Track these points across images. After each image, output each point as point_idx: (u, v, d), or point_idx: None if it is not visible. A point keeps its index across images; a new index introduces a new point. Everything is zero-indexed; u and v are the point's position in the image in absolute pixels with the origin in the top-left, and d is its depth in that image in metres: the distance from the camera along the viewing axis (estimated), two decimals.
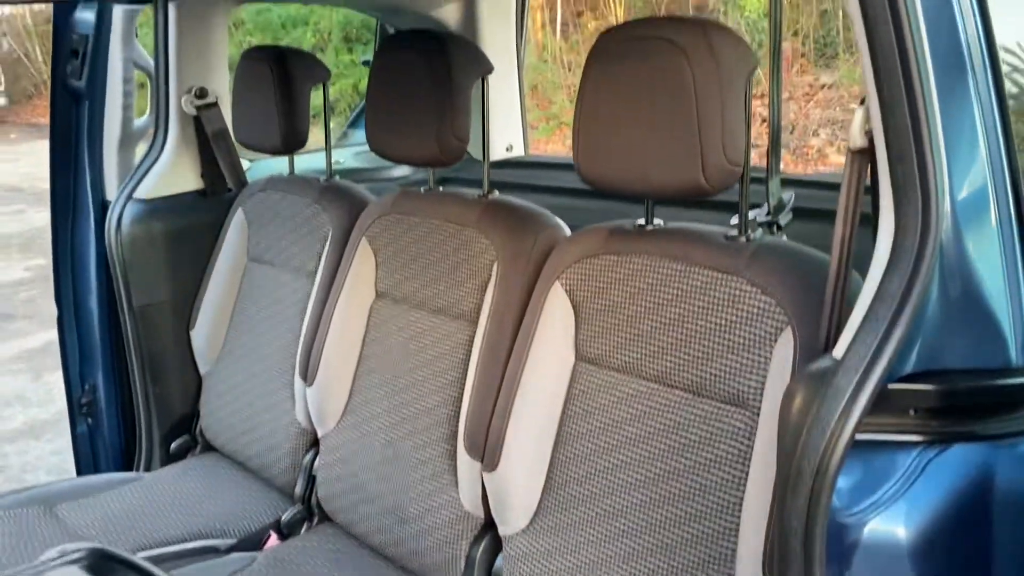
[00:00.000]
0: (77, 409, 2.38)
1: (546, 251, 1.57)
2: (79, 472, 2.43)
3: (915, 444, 1.06)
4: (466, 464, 1.60)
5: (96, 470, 2.37)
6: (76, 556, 1.08)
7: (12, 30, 16.21)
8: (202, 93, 2.25)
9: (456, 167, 1.86)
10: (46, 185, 2.35)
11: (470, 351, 1.64)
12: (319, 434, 1.91)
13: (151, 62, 2.28)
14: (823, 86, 8.67)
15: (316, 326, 1.91)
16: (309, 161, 2.51)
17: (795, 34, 9.01)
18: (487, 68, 1.70)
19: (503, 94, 2.77)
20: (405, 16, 2.64)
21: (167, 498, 2.00)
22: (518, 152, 2.86)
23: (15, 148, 13.46)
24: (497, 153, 2.80)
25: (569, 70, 9.96)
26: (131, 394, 2.28)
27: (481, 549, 1.60)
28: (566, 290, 1.48)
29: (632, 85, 1.28)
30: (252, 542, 1.89)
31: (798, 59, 9.06)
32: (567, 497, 1.45)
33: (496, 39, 2.71)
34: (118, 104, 2.25)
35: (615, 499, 1.39)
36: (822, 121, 8.31)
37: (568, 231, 1.64)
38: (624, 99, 1.29)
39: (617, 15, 10.44)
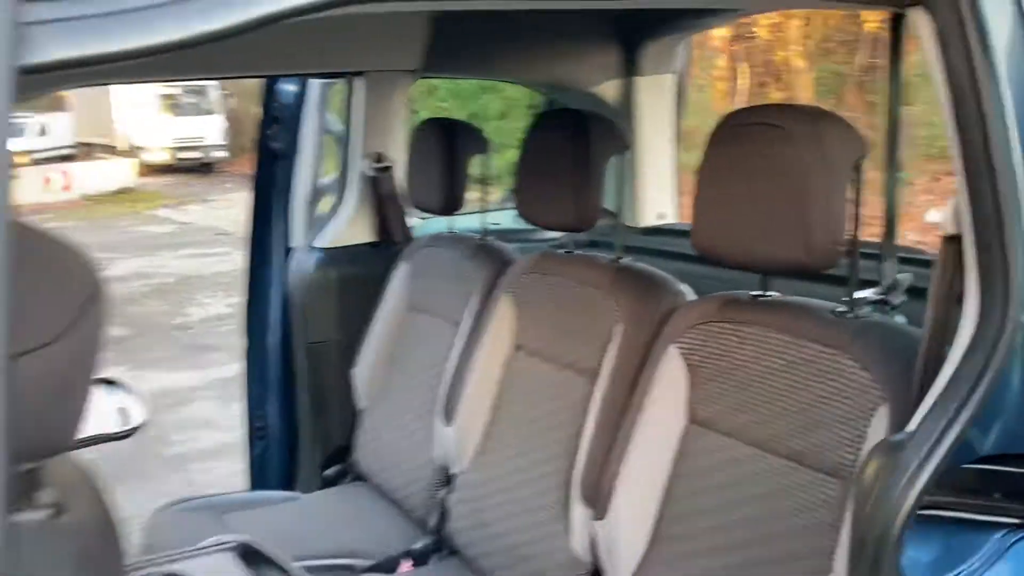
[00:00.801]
0: (254, 432, 2.68)
1: (667, 315, 1.66)
2: (252, 487, 2.72)
3: (999, 526, 1.08)
4: (578, 512, 1.70)
5: (264, 487, 2.65)
6: (230, 545, 1.28)
7: (238, 90, 18.02)
8: (380, 158, 2.52)
9: (605, 232, 2.00)
10: None
11: (589, 405, 1.75)
12: (454, 472, 2.07)
13: (339, 129, 2.59)
14: None
15: (459, 372, 2.09)
16: (472, 220, 2.72)
17: None
18: (623, 146, 1.84)
19: (658, 165, 2.88)
20: (569, 92, 2.82)
21: (318, 518, 2.22)
22: (670, 220, 2.95)
23: (229, 196, 14.89)
24: (649, 220, 2.91)
25: None
26: (297, 423, 2.55)
27: None
28: (682, 353, 1.57)
29: (744, 166, 1.38)
30: (387, 566, 2.06)
31: None
32: (670, 554, 1.52)
33: (654, 113, 2.83)
34: (309, 164, 2.57)
35: (712, 560, 1.44)
36: None
37: (692, 296, 1.73)
38: (737, 179, 1.39)
39: (803, 85, 10.33)
